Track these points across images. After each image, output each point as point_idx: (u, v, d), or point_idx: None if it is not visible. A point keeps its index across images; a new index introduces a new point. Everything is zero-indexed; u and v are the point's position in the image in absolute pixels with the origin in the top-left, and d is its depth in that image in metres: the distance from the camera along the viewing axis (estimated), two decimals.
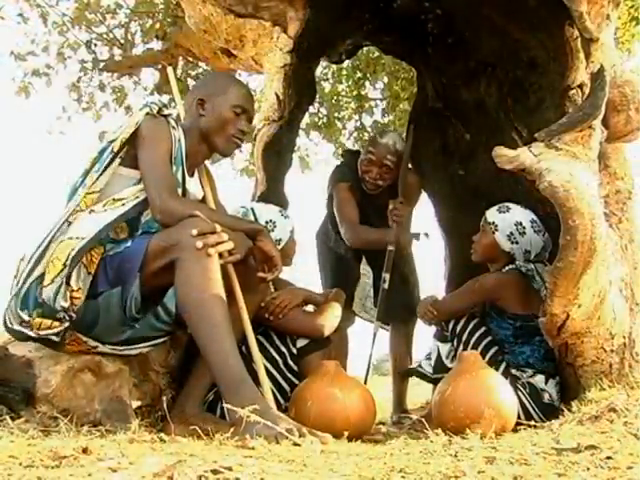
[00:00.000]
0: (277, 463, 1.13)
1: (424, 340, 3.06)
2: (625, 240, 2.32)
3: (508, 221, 2.46)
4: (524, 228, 2.44)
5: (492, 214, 2.52)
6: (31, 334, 1.71)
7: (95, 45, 5.43)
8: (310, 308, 2.29)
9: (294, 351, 2.20)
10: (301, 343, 2.20)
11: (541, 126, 2.12)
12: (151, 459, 1.08)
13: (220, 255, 1.75)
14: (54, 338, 1.72)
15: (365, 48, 4.45)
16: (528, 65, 2.69)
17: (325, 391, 1.90)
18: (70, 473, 0.96)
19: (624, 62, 4.96)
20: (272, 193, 2.70)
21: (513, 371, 2.30)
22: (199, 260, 1.68)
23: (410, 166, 3.20)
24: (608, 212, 2.30)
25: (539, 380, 2.27)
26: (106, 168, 1.84)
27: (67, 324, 1.71)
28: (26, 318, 1.70)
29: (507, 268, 2.45)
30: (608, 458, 1.13)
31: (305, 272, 3.47)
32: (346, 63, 5.13)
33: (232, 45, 2.87)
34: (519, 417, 1.96)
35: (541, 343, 2.27)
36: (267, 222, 2.33)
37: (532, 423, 1.91)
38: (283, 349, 2.19)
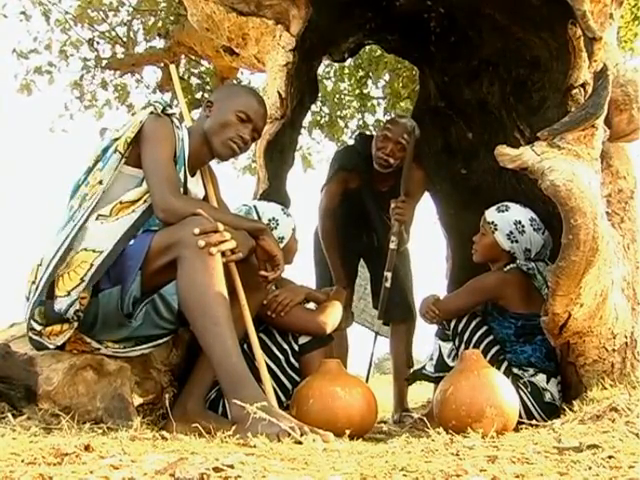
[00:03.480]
0: (279, 461, 1.13)
1: (424, 339, 3.07)
2: (627, 239, 2.32)
3: (507, 220, 2.46)
4: (523, 227, 2.44)
5: (491, 214, 2.52)
6: (50, 346, 1.72)
7: (97, 43, 5.44)
8: (311, 306, 2.29)
9: (296, 348, 2.20)
10: (303, 340, 2.20)
11: (544, 125, 2.12)
12: (153, 457, 1.09)
13: (222, 254, 1.75)
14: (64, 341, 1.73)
15: (367, 46, 4.45)
16: (531, 64, 2.68)
17: (327, 389, 1.90)
18: (72, 470, 0.96)
19: (627, 61, 4.95)
20: (274, 191, 2.70)
21: (515, 370, 2.30)
22: (201, 258, 1.68)
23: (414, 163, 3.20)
24: (610, 211, 2.30)
25: (541, 379, 2.27)
26: (108, 164, 1.84)
27: (76, 324, 1.72)
28: (37, 328, 1.70)
29: (508, 267, 2.45)
30: (610, 457, 1.13)
31: (306, 271, 3.47)
32: (348, 62, 5.13)
33: (234, 43, 2.87)
34: (521, 416, 1.96)
35: (543, 342, 2.27)
36: (269, 220, 2.32)
37: (534, 422, 1.91)
38: (285, 346, 2.19)
